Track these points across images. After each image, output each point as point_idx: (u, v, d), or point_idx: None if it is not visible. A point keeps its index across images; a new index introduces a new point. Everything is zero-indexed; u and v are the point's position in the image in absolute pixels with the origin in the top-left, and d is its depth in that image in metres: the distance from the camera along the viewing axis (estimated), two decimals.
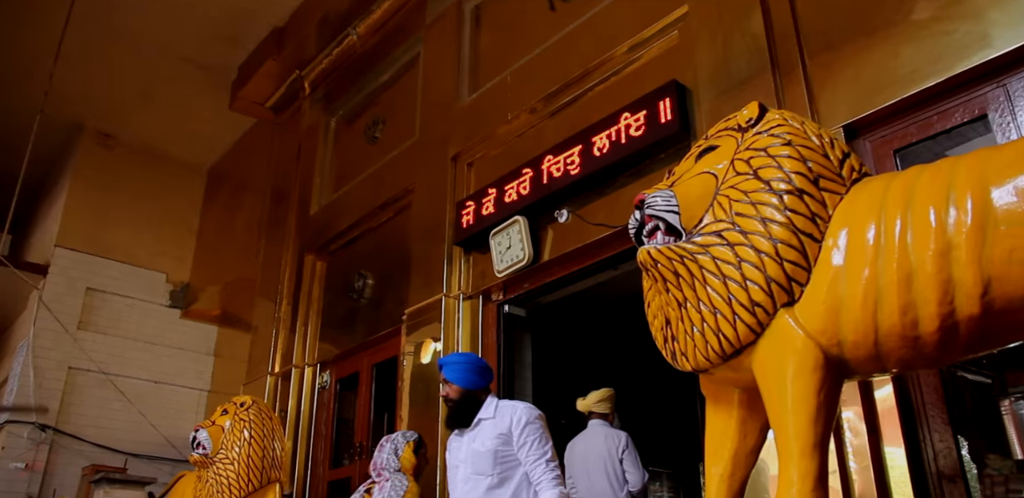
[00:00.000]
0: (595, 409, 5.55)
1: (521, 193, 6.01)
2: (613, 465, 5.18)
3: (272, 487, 5.74)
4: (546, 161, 5.87)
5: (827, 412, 2.32)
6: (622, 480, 5.15)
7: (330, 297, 8.59)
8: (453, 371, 4.08)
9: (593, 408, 5.55)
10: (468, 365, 4.15)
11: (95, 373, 9.74)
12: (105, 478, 6.98)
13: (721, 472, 2.61)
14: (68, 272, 10.02)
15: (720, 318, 2.48)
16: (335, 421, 7.98)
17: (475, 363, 4.19)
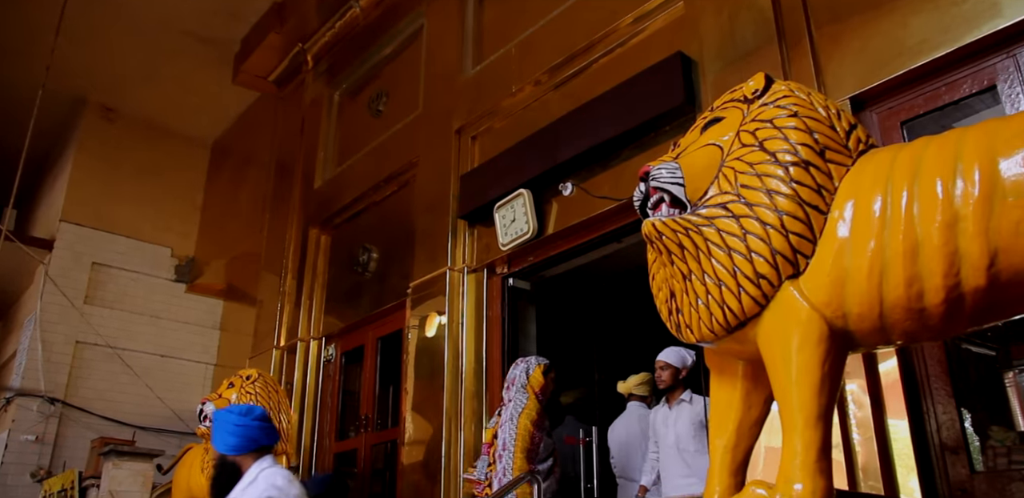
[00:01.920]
0: (635, 391, 5.72)
1: (526, 166, 5.99)
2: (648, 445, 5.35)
3: (279, 459, 5.80)
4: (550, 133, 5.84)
5: (831, 384, 2.33)
6: None
7: (335, 271, 8.61)
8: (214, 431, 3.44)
9: (633, 390, 5.73)
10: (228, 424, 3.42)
11: (102, 347, 9.81)
12: (114, 450, 7.04)
13: (725, 443, 2.62)
14: (74, 247, 10.05)
15: (725, 290, 2.47)
16: (340, 394, 8.03)
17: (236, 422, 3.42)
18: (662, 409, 4.97)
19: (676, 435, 4.70)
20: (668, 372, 4.91)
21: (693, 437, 4.64)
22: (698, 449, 4.61)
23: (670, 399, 4.91)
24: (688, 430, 4.68)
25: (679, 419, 4.76)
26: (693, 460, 4.58)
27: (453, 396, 6.08)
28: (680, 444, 4.66)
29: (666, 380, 4.90)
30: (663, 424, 4.86)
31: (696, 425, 4.66)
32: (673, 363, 4.92)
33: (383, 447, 7.43)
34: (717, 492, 2.56)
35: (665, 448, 4.77)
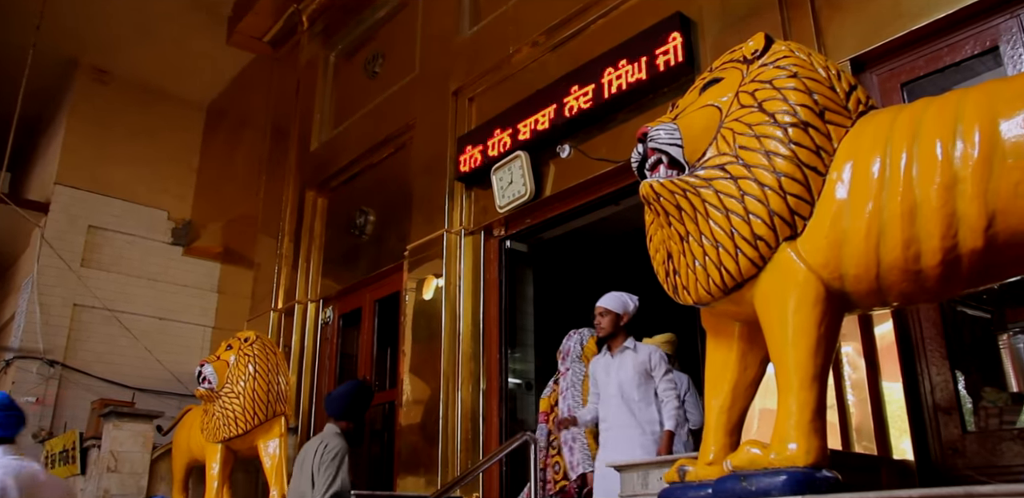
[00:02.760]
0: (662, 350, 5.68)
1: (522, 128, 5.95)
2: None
3: (277, 420, 5.86)
4: (548, 96, 5.79)
5: (827, 345, 2.34)
6: (683, 420, 5.35)
7: (332, 233, 8.60)
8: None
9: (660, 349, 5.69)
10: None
11: (100, 310, 9.82)
12: (114, 412, 7.09)
13: (721, 404, 2.65)
14: (69, 210, 10.01)
15: (722, 252, 2.48)
16: (338, 356, 8.08)
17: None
18: (603, 357, 4.78)
19: (619, 383, 4.54)
20: (608, 318, 4.68)
21: (638, 386, 4.51)
22: (642, 398, 4.50)
23: (612, 347, 4.70)
24: (632, 378, 4.53)
25: (622, 367, 4.60)
26: (638, 410, 4.47)
27: (451, 358, 6.12)
28: (624, 393, 4.51)
29: (605, 327, 4.68)
30: (604, 372, 4.67)
31: (641, 374, 4.53)
32: (613, 309, 4.70)
33: (381, 408, 7.49)
34: (712, 451, 2.59)
35: (607, 397, 4.59)
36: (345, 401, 4.87)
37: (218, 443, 5.83)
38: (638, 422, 4.44)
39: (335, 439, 4.67)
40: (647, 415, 4.47)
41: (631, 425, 4.44)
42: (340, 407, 4.86)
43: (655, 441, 4.40)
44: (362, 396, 4.96)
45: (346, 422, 4.85)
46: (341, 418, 4.85)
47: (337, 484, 4.46)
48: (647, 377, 4.53)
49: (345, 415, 4.84)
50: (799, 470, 2.20)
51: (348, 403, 4.85)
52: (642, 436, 4.39)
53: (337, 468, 4.50)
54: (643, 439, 4.39)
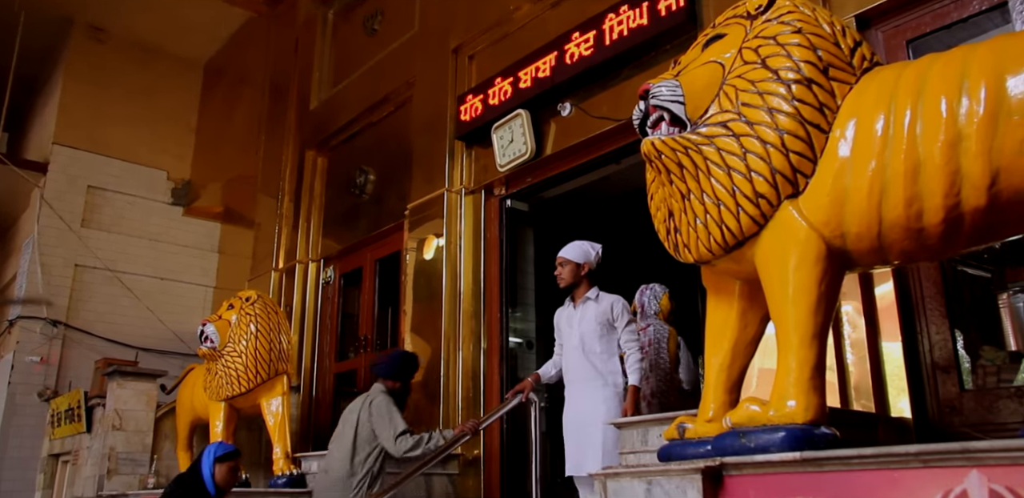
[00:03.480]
0: None
1: (523, 86, 5.89)
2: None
3: (280, 379, 5.91)
4: (549, 53, 5.72)
5: (827, 303, 2.34)
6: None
7: (332, 193, 8.58)
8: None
9: None
10: None
11: (101, 270, 9.83)
12: (117, 371, 7.14)
13: (720, 362, 2.66)
14: (68, 170, 9.96)
15: (723, 210, 2.46)
16: (340, 315, 8.11)
17: None
18: (566, 309, 4.61)
19: (580, 335, 4.39)
20: (568, 268, 4.50)
21: (600, 338, 4.36)
22: (604, 350, 4.36)
23: (575, 297, 4.53)
24: (593, 329, 4.37)
25: (584, 318, 4.44)
26: (600, 362, 4.33)
27: (451, 317, 6.14)
28: (585, 345, 4.37)
29: (566, 277, 4.50)
30: (567, 324, 4.52)
31: (602, 324, 4.37)
32: (572, 258, 4.52)
33: None
34: (712, 409, 2.61)
35: (569, 349, 4.46)
36: (394, 364, 4.87)
37: (221, 401, 5.88)
38: (600, 374, 4.31)
39: (380, 395, 4.68)
40: (609, 367, 4.34)
41: (593, 378, 4.32)
42: (388, 368, 4.86)
43: (617, 394, 4.28)
44: (409, 362, 4.97)
45: (392, 381, 4.82)
46: (387, 377, 4.83)
47: (401, 423, 4.49)
48: (609, 328, 4.39)
49: (393, 376, 4.83)
50: (798, 427, 2.21)
51: (397, 365, 4.85)
52: (604, 388, 4.29)
53: (388, 412, 4.54)
54: (605, 392, 4.28)
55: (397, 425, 4.49)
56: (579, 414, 4.29)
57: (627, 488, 2.38)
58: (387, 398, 4.66)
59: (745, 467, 2.20)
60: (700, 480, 2.21)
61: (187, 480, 4.11)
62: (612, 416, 4.09)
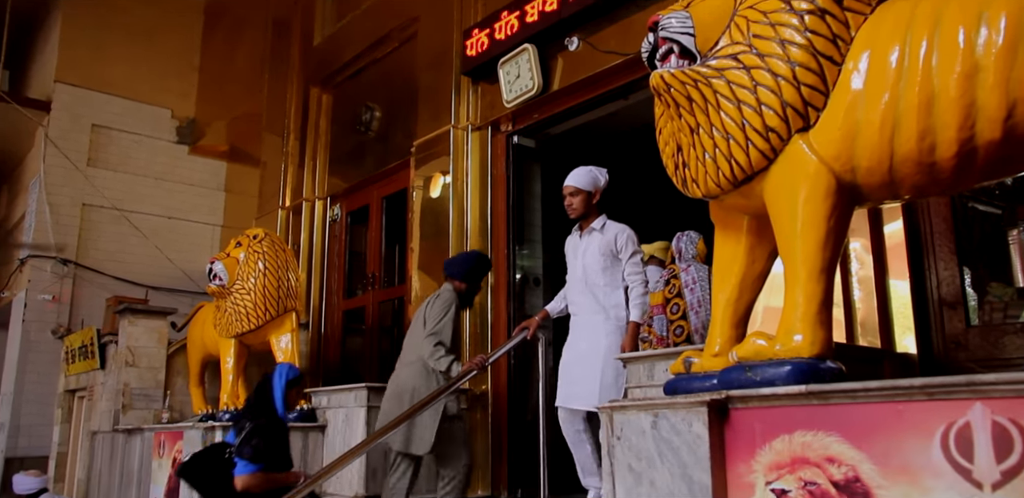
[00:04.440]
0: (655, 255, 5.74)
1: (530, 20, 5.76)
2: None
3: (288, 316, 5.96)
4: None
5: (836, 238, 2.32)
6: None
7: (337, 130, 8.51)
8: None
9: (654, 253, 5.74)
10: None
11: (109, 209, 9.84)
12: (128, 309, 7.22)
13: (728, 297, 2.66)
14: (71, 108, 9.87)
15: (733, 144, 2.43)
16: (347, 253, 8.13)
17: None
18: (572, 238, 4.48)
19: (583, 267, 4.28)
20: (579, 198, 4.33)
21: (603, 270, 4.23)
22: (608, 283, 4.23)
23: (583, 227, 4.38)
24: (596, 261, 4.24)
25: (588, 249, 4.30)
26: (603, 295, 4.21)
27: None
28: (588, 277, 4.25)
29: (577, 208, 4.34)
30: (572, 254, 4.42)
31: (606, 256, 4.23)
32: (584, 187, 4.34)
33: (390, 304, 7.60)
34: (718, 343, 2.62)
35: (573, 281, 4.36)
36: (466, 264, 4.89)
37: (231, 338, 5.95)
38: (602, 307, 4.21)
39: (448, 292, 4.74)
40: (612, 300, 4.22)
41: (595, 311, 4.22)
42: (458, 268, 4.89)
43: (619, 328, 4.17)
44: (482, 263, 4.97)
45: (461, 282, 4.85)
46: (456, 278, 4.86)
47: (442, 325, 4.54)
48: (613, 260, 4.25)
49: (463, 276, 4.84)
50: (804, 361, 2.22)
51: (468, 266, 4.86)
52: (606, 322, 4.19)
53: (444, 312, 4.59)
54: (607, 325, 4.18)
55: (441, 332, 4.53)
56: (579, 347, 4.23)
57: (633, 421, 2.41)
58: (451, 297, 4.69)
59: (751, 400, 2.22)
60: (706, 413, 2.23)
61: (256, 405, 4.14)
62: (613, 351, 4.06)
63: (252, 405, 4.16)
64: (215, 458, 4.00)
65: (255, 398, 4.18)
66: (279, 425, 4.10)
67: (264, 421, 4.01)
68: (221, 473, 3.90)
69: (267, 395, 4.13)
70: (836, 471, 2.01)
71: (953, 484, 1.84)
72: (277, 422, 4.09)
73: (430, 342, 4.50)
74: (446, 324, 4.57)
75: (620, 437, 2.44)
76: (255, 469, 3.85)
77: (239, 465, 3.86)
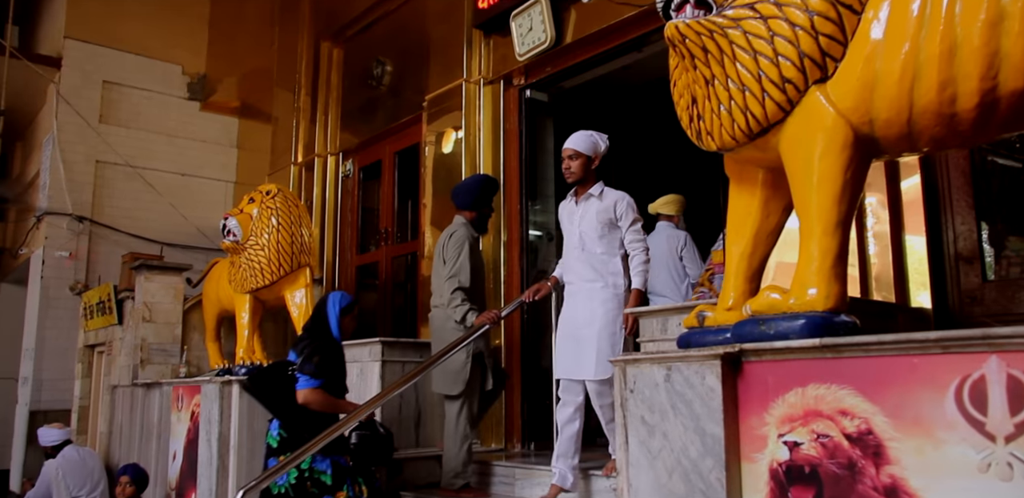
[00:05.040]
0: (661, 211, 5.75)
1: None
2: (674, 261, 5.53)
3: (302, 271, 5.98)
4: None
5: (852, 191, 2.30)
6: (683, 274, 5.53)
7: (349, 85, 8.44)
8: None
9: (660, 210, 5.76)
10: None
11: (123, 166, 9.85)
12: (144, 265, 7.27)
13: (742, 251, 2.64)
14: (82, 65, 9.82)
15: (748, 95, 2.39)
16: (360, 209, 8.14)
17: None
18: (568, 204, 4.32)
19: (580, 234, 4.15)
20: (578, 162, 4.16)
21: (600, 237, 4.09)
22: (605, 251, 4.10)
23: (579, 192, 4.23)
24: (594, 228, 4.10)
25: (585, 216, 4.15)
26: (600, 263, 4.08)
27: None
28: (585, 245, 4.12)
29: (575, 171, 4.17)
30: (568, 221, 4.27)
31: (604, 224, 4.09)
32: (583, 151, 4.17)
33: (403, 259, 7.62)
34: (732, 297, 2.61)
35: (569, 248, 4.23)
36: (471, 192, 4.90)
37: (246, 294, 5.99)
38: (600, 275, 4.07)
39: (461, 228, 4.77)
40: (610, 268, 4.09)
41: (592, 279, 4.08)
42: (466, 198, 4.90)
43: (616, 296, 4.02)
44: (487, 187, 4.97)
45: (471, 212, 4.88)
46: (466, 208, 4.89)
47: (458, 267, 4.60)
48: (611, 227, 4.11)
49: (471, 205, 4.86)
50: (818, 314, 2.22)
51: (474, 195, 4.87)
52: (603, 290, 4.04)
53: (458, 252, 4.63)
54: (604, 294, 4.03)
55: (459, 273, 4.58)
56: (575, 317, 4.10)
57: (646, 374, 2.42)
58: (464, 233, 4.73)
59: (764, 353, 2.22)
60: (719, 366, 2.24)
61: (314, 329, 4.30)
62: (610, 320, 3.95)
63: (310, 329, 4.33)
64: (278, 374, 4.19)
65: (312, 324, 4.36)
66: (337, 347, 4.29)
67: (323, 341, 4.21)
68: (284, 388, 4.11)
69: (323, 321, 4.31)
70: (849, 424, 2.02)
71: (966, 436, 1.84)
72: (335, 344, 4.28)
73: (449, 287, 4.56)
74: (462, 263, 4.60)
75: (633, 390, 2.45)
76: (316, 384, 4.03)
77: (301, 380, 4.05)
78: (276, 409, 4.19)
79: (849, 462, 2.00)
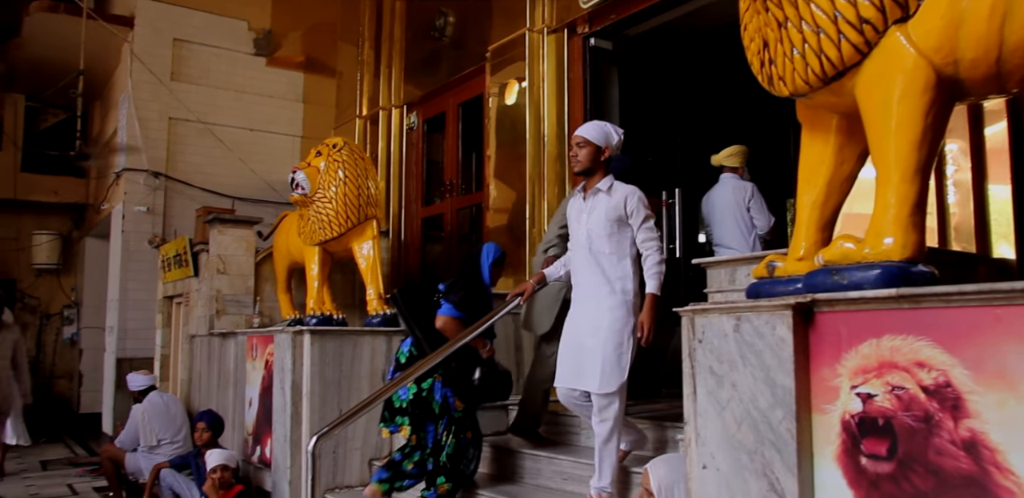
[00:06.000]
0: (725, 163, 5.65)
1: None
2: (741, 213, 5.46)
3: (369, 223, 6.03)
4: None
5: (933, 136, 2.19)
6: (750, 226, 5.46)
7: (412, 37, 8.39)
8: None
9: (724, 162, 5.66)
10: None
11: (194, 123, 10.04)
12: (217, 218, 7.43)
13: (814, 199, 2.56)
14: (154, 23, 9.98)
15: (824, 38, 2.29)
16: (424, 161, 8.16)
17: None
18: (576, 199, 4.02)
19: (587, 232, 3.84)
20: (586, 150, 3.85)
21: (609, 236, 3.78)
22: (614, 251, 3.79)
23: (587, 186, 3.92)
24: (602, 226, 3.79)
25: (593, 213, 3.85)
26: (608, 265, 3.77)
27: (535, 161, 6.10)
28: (593, 244, 3.81)
29: (582, 160, 3.85)
30: (575, 218, 3.97)
31: (613, 221, 3.78)
32: (593, 140, 3.86)
33: (468, 211, 7.65)
34: (803, 247, 2.55)
35: (576, 247, 3.92)
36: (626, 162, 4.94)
37: (315, 246, 6.07)
38: (607, 279, 3.76)
39: None
40: (618, 271, 3.78)
41: (599, 283, 3.78)
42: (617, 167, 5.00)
43: (625, 302, 3.72)
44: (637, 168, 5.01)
45: None
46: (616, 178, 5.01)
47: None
48: (621, 225, 3.80)
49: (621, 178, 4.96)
50: (894, 264, 2.14)
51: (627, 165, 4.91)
52: (610, 296, 3.73)
53: None
54: (611, 300, 3.72)
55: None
56: (580, 322, 3.82)
57: (715, 324, 2.39)
58: None
59: (837, 303, 2.16)
60: (790, 316, 2.19)
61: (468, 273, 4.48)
62: (617, 329, 3.66)
63: (465, 273, 4.51)
64: (426, 295, 4.39)
65: (466, 269, 4.54)
66: (486, 290, 4.46)
67: (475, 283, 4.40)
68: (426, 309, 4.30)
69: (476, 268, 4.49)
70: (926, 376, 1.96)
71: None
72: (485, 288, 4.46)
73: None
74: None
75: (701, 340, 2.42)
76: (457, 315, 4.20)
77: (444, 307, 4.23)
78: (414, 326, 4.38)
79: (925, 415, 1.96)
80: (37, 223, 13.16)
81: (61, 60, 10.71)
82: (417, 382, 4.29)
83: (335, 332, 5.49)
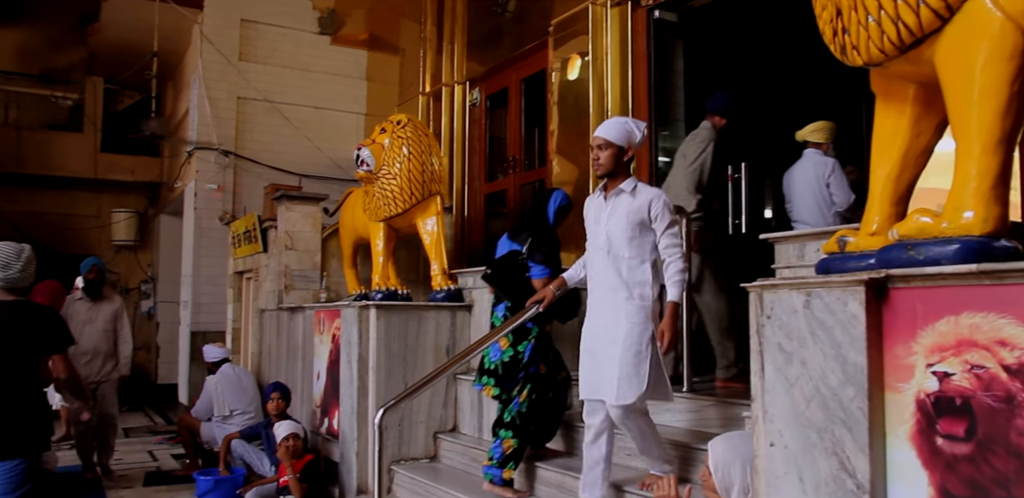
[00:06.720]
0: (809, 138, 5.54)
1: None
2: (820, 189, 5.37)
3: (433, 199, 6.07)
4: None
5: (1019, 105, 2.08)
6: (830, 202, 5.37)
7: (474, 13, 8.35)
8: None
9: (808, 138, 5.54)
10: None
11: (261, 102, 10.23)
12: (284, 195, 7.56)
13: (888, 172, 2.48)
14: (222, 5, 10.18)
15: (901, 4, 2.20)
16: (487, 137, 8.15)
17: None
18: (596, 199, 3.86)
19: (607, 235, 3.68)
20: (608, 153, 3.67)
21: (630, 240, 3.64)
22: (634, 256, 3.64)
23: (608, 187, 3.76)
24: (623, 229, 3.64)
25: (613, 215, 3.69)
26: (627, 269, 3.64)
27: None
28: (612, 247, 3.66)
29: (605, 163, 3.68)
30: (595, 220, 3.81)
31: (635, 225, 3.63)
32: (615, 141, 3.67)
33: (531, 187, 7.62)
34: (876, 221, 2.47)
35: (594, 250, 3.77)
36: (727, 95, 5.03)
37: (380, 222, 6.13)
38: (625, 284, 3.62)
39: (704, 131, 5.04)
40: (638, 276, 3.63)
41: (617, 287, 3.64)
42: (719, 101, 5.05)
43: (643, 309, 3.59)
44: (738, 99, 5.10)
45: (720, 117, 5.08)
46: (717, 112, 5.09)
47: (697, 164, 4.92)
48: (643, 229, 3.65)
49: (723, 110, 5.02)
50: (974, 239, 2.06)
51: (729, 98, 4.98)
52: (628, 302, 3.60)
53: (700, 152, 4.92)
54: (628, 306, 3.60)
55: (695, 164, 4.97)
56: (597, 330, 3.70)
57: (784, 300, 2.34)
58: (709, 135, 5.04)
59: (913, 279, 2.09)
60: (863, 292, 2.13)
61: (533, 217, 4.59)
62: (635, 338, 3.54)
63: (529, 218, 4.60)
64: (512, 263, 4.48)
65: (532, 213, 4.62)
66: (555, 236, 4.57)
67: (545, 230, 4.49)
68: (516, 274, 4.44)
69: (543, 213, 4.56)
70: (1008, 355, 1.89)
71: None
72: (554, 233, 4.56)
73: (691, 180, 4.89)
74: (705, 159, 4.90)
75: (770, 316, 2.38)
76: (549, 273, 4.36)
77: (535, 269, 4.38)
78: (509, 293, 4.48)
79: (1007, 395, 1.89)
80: (116, 201, 13.63)
81: (136, 43, 11.00)
82: (514, 345, 4.37)
83: (400, 307, 5.55)
